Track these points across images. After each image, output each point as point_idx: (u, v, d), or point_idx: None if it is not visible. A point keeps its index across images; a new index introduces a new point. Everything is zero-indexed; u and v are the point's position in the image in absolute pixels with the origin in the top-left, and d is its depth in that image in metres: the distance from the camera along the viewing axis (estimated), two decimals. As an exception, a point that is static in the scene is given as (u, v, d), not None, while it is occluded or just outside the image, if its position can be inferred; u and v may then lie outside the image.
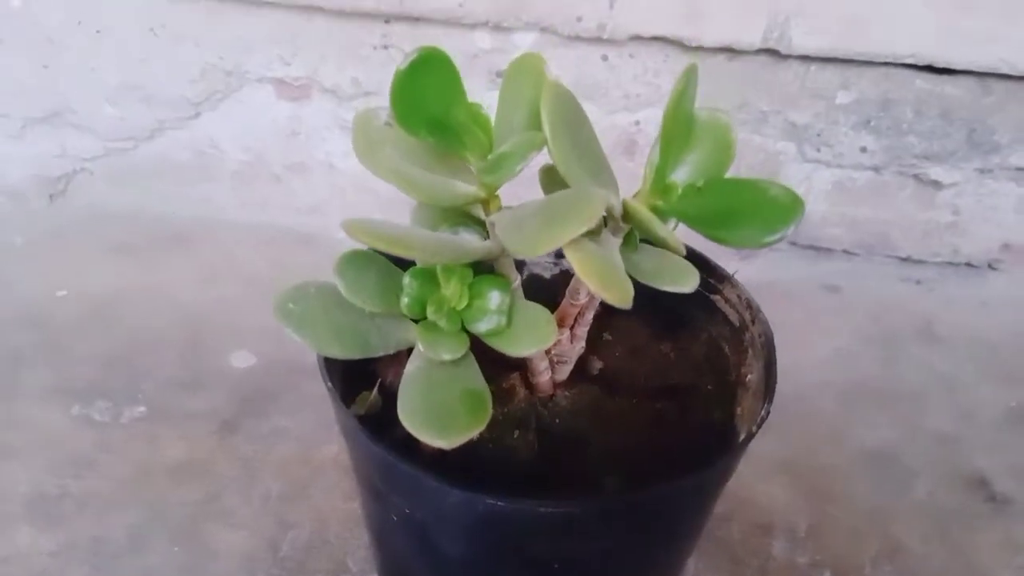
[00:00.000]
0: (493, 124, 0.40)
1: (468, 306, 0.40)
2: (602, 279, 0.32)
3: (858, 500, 0.66)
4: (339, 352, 0.40)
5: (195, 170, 0.90)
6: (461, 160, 0.39)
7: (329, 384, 0.41)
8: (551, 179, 0.41)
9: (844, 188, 0.88)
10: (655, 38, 0.77)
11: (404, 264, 0.39)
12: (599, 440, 0.47)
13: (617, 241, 0.39)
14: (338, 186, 0.89)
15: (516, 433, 0.46)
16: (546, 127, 0.34)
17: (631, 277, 0.40)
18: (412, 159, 0.41)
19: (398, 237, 0.34)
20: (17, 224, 0.90)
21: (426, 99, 0.35)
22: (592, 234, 0.40)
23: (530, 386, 0.48)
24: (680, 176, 0.38)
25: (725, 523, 0.63)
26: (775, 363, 0.46)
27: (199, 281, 0.84)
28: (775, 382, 0.44)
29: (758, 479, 0.67)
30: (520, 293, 0.42)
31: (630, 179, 0.42)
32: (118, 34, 0.81)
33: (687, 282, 0.39)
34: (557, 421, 0.48)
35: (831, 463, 0.70)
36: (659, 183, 0.36)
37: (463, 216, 0.41)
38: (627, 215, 0.36)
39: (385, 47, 0.79)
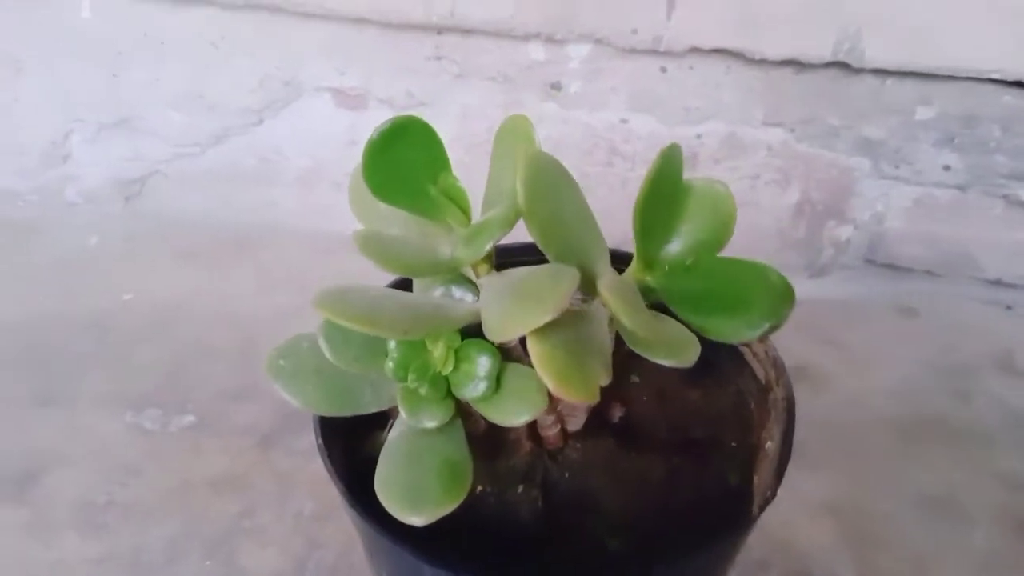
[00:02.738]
0: (485, 187, 0.38)
1: (455, 370, 0.38)
2: (560, 378, 0.30)
3: (908, 548, 0.62)
4: (327, 410, 0.40)
5: (260, 176, 0.91)
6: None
7: (320, 441, 0.41)
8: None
9: (925, 206, 0.82)
10: (715, 50, 0.73)
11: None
12: (607, 498, 0.45)
13: (607, 311, 0.38)
14: (395, 194, 0.89)
15: (520, 488, 0.45)
16: (522, 201, 0.33)
17: (626, 346, 0.39)
18: (405, 219, 0.40)
19: (366, 314, 0.33)
20: (94, 225, 0.94)
21: (400, 171, 0.34)
22: (583, 302, 0.38)
23: (537, 438, 0.47)
24: (674, 248, 0.36)
25: (761, 571, 0.61)
26: (792, 433, 0.43)
27: (258, 289, 0.86)
28: (788, 457, 0.42)
29: (801, 521, 0.64)
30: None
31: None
32: (181, 46, 0.83)
33: (684, 356, 0.37)
34: (566, 475, 0.46)
35: (884, 506, 0.66)
36: (641, 262, 0.34)
37: (456, 275, 0.40)
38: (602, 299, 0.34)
39: (438, 58, 0.78)
